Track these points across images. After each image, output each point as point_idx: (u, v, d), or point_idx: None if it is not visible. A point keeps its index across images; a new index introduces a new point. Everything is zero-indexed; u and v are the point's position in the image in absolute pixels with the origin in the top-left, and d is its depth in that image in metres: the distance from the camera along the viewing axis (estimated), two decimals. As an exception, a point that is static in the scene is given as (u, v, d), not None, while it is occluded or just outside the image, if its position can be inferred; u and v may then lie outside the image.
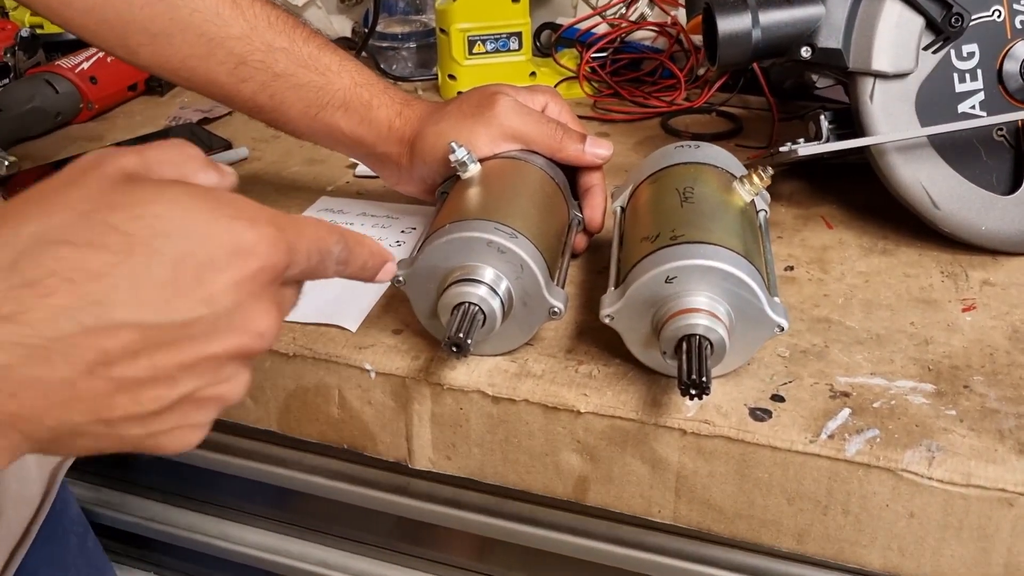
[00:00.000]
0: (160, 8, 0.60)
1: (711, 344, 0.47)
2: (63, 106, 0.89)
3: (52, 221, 0.29)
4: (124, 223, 0.30)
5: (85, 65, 0.91)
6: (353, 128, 0.64)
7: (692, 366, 0.45)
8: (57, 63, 0.91)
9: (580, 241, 0.63)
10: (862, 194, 0.70)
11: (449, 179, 0.61)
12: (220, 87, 0.63)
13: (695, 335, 0.47)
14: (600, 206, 0.62)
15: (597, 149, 0.61)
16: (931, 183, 0.61)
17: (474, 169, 0.58)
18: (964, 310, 0.57)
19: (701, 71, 0.91)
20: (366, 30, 1.01)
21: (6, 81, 0.92)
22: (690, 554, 0.57)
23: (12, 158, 0.80)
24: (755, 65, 0.84)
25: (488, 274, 0.50)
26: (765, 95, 0.84)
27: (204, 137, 0.87)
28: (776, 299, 0.50)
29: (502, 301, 0.50)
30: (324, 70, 0.63)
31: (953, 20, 0.60)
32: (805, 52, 0.61)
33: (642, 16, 0.95)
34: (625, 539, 0.59)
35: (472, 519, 0.62)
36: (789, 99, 0.87)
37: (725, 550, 0.57)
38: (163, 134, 0.88)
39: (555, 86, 0.94)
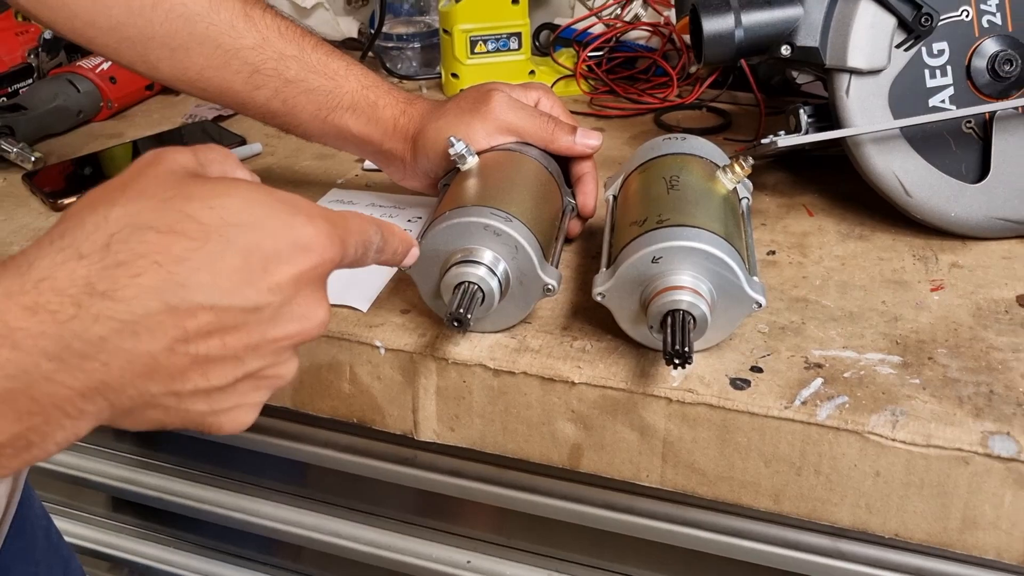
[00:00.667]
0: (179, 24, 0.64)
1: (694, 319, 0.51)
2: (84, 104, 0.94)
3: (136, 207, 0.33)
4: (199, 212, 0.33)
5: (105, 66, 0.95)
6: (361, 128, 0.68)
7: (676, 338, 0.50)
8: (78, 63, 0.96)
9: (574, 226, 0.67)
10: (841, 184, 0.74)
11: (450, 172, 0.66)
12: (235, 95, 0.67)
13: (679, 310, 0.51)
14: (592, 192, 0.66)
15: (587, 140, 0.65)
16: (903, 172, 0.66)
17: (472, 161, 0.63)
18: (932, 290, 0.61)
19: (693, 69, 0.95)
20: (372, 31, 1.05)
21: (30, 81, 0.96)
22: (677, 517, 0.62)
23: (38, 154, 0.85)
24: (743, 63, 0.88)
25: (486, 255, 0.55)
26: (753, 91, 0.88)
27: (218, 133, 0.91)
28: (755, 278, 0.54)
29: (500, 280, 0.54)
30: (333, 74, 0.67)
31: (923, 20, 0.64)
32: (785, 50, 0.66)
33: (636, 16, 0.99)
34: (617, 504, 0.63)
35: (474, 488, 0.67)
36: (776, 95, 0.91)
37: (709, 513, 0.61)
38: (178, 131, 0.93)
39: (553, 84, 0.98)
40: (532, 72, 1.00)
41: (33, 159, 0.84)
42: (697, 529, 0.61)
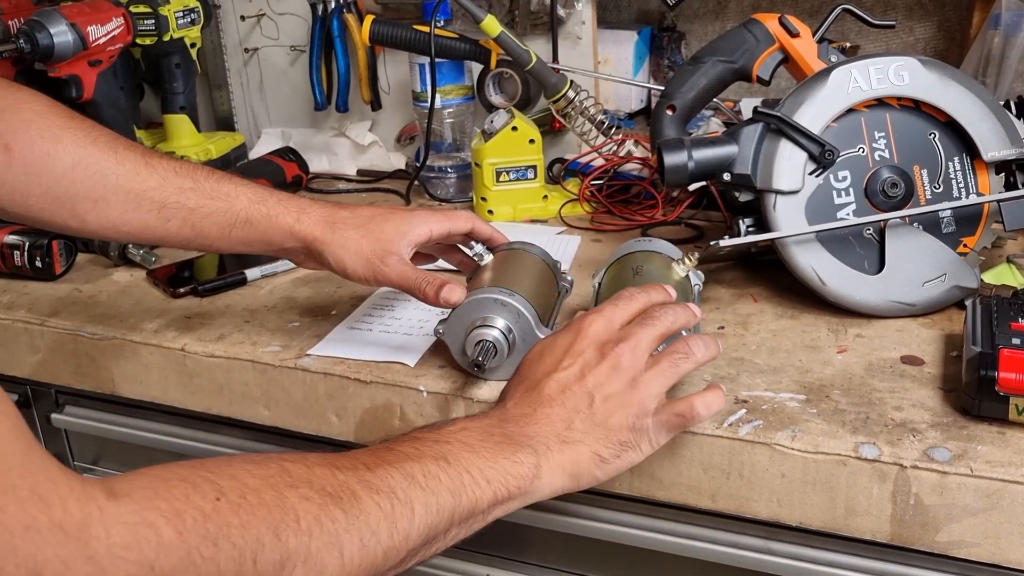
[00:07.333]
0: (96, 179, 0.77)
1: (649, 363, 0.71)
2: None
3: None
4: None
5: (207, 191, 1.20)
6: (259, 236, 0.81)
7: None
8: (187, 189, 1.21)
9: None
10: (782, 279, 0.95)
11: (473, 268, 0.87)
12: (153, 231, 0.80)
13: (638, 357, 0.71)
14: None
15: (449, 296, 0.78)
16: (819, 267, 0.86)
17: (488, 258, 0.84)
18: (838, 352, 0.81)
19: (675, 194, 1.18)
20: (418, 164, 1.30)
21: (148, 202, 1.22)
22: (645, 526, 0.80)
23: (156, 255, 1.09)
24: (713, 189, 1.10)
25: (499, 322, 0.75)
26: (721, 211, 1.10)
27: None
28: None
29: (508, 340, 0.75)
30: (225, 196, 0.80)
31: (827, 155, 0.86)
32: (726, 176, 0.88)
33: (629, 152, 1.23)
34: (602, 517, 0.81)
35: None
36: (740, 213, 1.12)
37: (672, 524, 0.79)
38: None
39: (562, 206, 1.21)
40: (545, 196, 1.23)
41: (153, 259, 1.08)
42: (661, 534, 0.79)
